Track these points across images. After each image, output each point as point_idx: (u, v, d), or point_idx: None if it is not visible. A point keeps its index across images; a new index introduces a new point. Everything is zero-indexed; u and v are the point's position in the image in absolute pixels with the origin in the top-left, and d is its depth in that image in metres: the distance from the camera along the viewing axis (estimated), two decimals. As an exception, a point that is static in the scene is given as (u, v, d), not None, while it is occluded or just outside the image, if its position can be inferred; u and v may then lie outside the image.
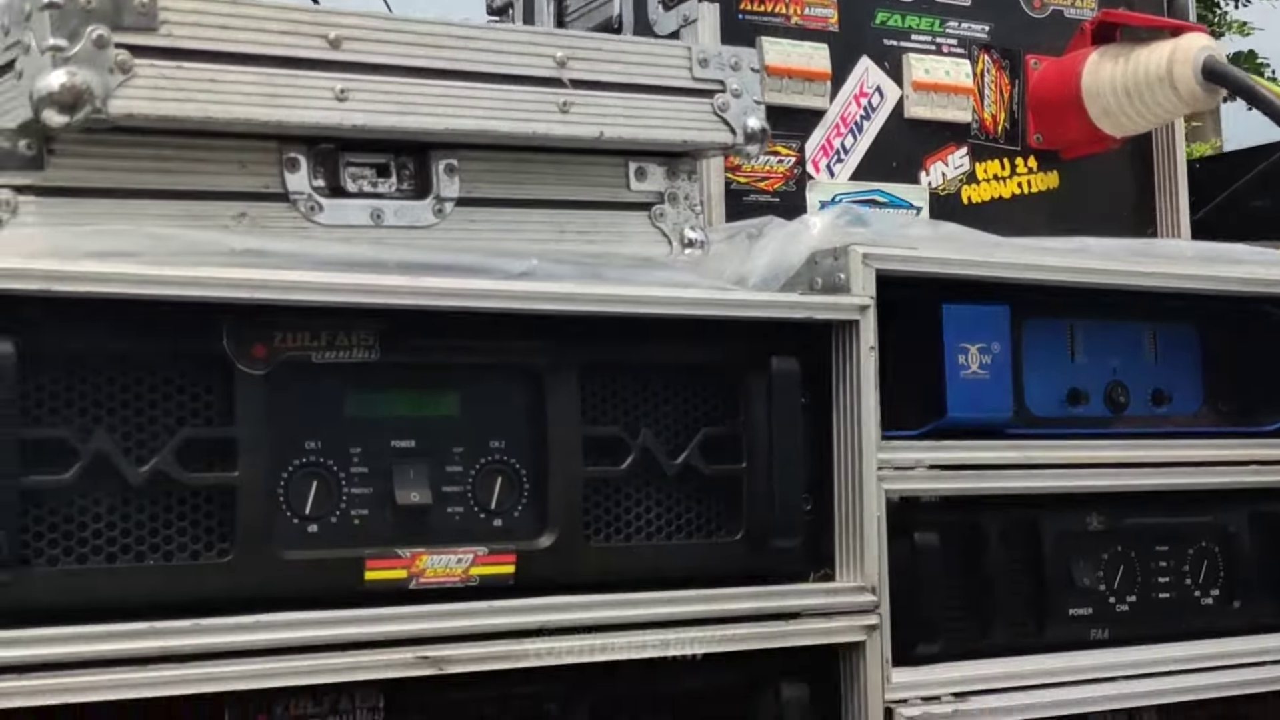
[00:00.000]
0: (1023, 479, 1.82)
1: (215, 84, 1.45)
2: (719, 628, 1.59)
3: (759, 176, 2.13)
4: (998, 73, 2.36)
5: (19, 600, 1.31)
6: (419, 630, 1.45)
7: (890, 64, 2.27)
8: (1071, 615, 1.88)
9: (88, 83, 1.38)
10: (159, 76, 1.42)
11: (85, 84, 1.38)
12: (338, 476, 1.46)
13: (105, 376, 1.38)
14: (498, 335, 1.54)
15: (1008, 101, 2.37)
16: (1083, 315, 1.95)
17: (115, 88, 1.40)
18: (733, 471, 1.64)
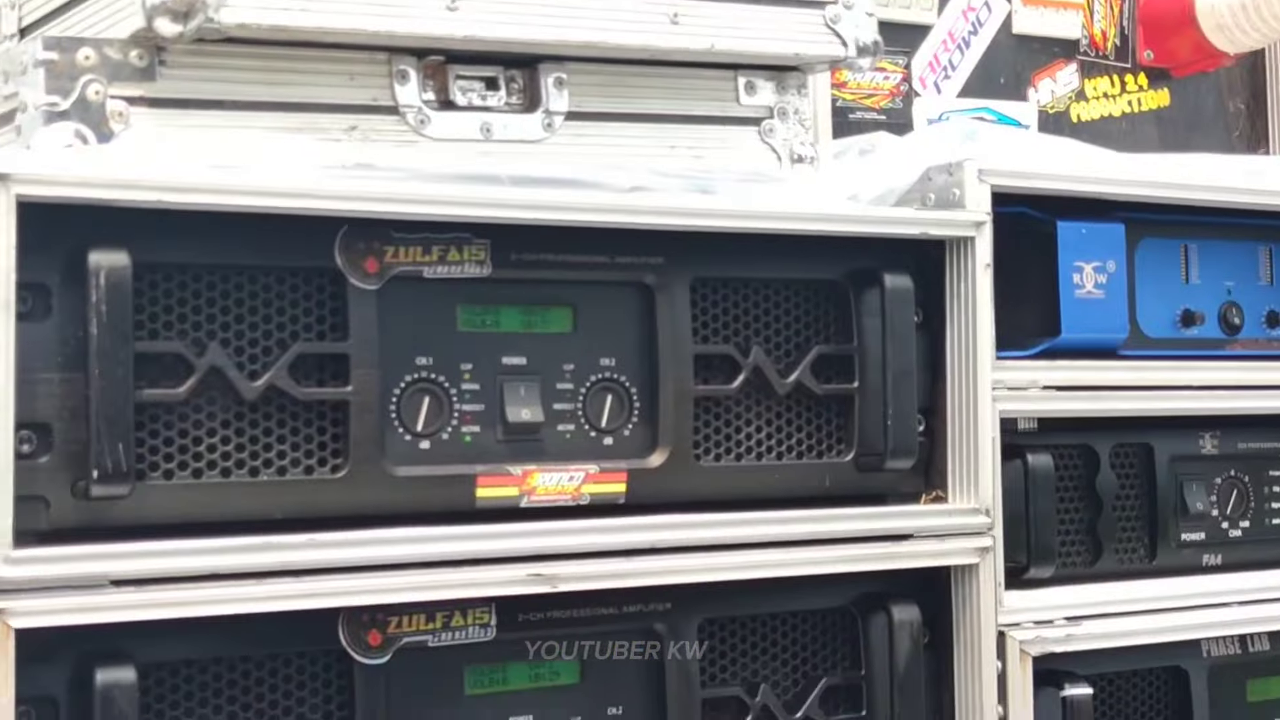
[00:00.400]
0: (1137, 401, 1.79)
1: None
2: (829, 548, 1.58)
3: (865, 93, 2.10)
4: (1109, -13, 2.31)
5: (135, 514, 1.32)
6: (531, 547, 1.44)
7: (999, -22, 2.23)
8: (1184, 540, 1.85)
9: (201, -11, 1.37)
10: (274, -16, 1.41)
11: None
12: (449, 393, 1.45)
13: (218, 290, 1.37)
14: (608, 250, 1.52)
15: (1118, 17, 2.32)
16: (1196, 235, 1.91)
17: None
18: (845, 391, 1.62)
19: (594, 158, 1.60)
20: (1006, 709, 1.65)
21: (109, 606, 1.27)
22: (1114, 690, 1.78)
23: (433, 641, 1.43)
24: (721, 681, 1.58)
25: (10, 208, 1.24)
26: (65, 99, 1.39)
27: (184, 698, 1.35)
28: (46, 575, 1.25)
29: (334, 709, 1.40)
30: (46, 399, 1.29)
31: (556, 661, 1.50)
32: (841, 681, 1.62)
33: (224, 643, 1.36)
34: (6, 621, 1.23)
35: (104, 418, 1.28)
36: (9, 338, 1.25)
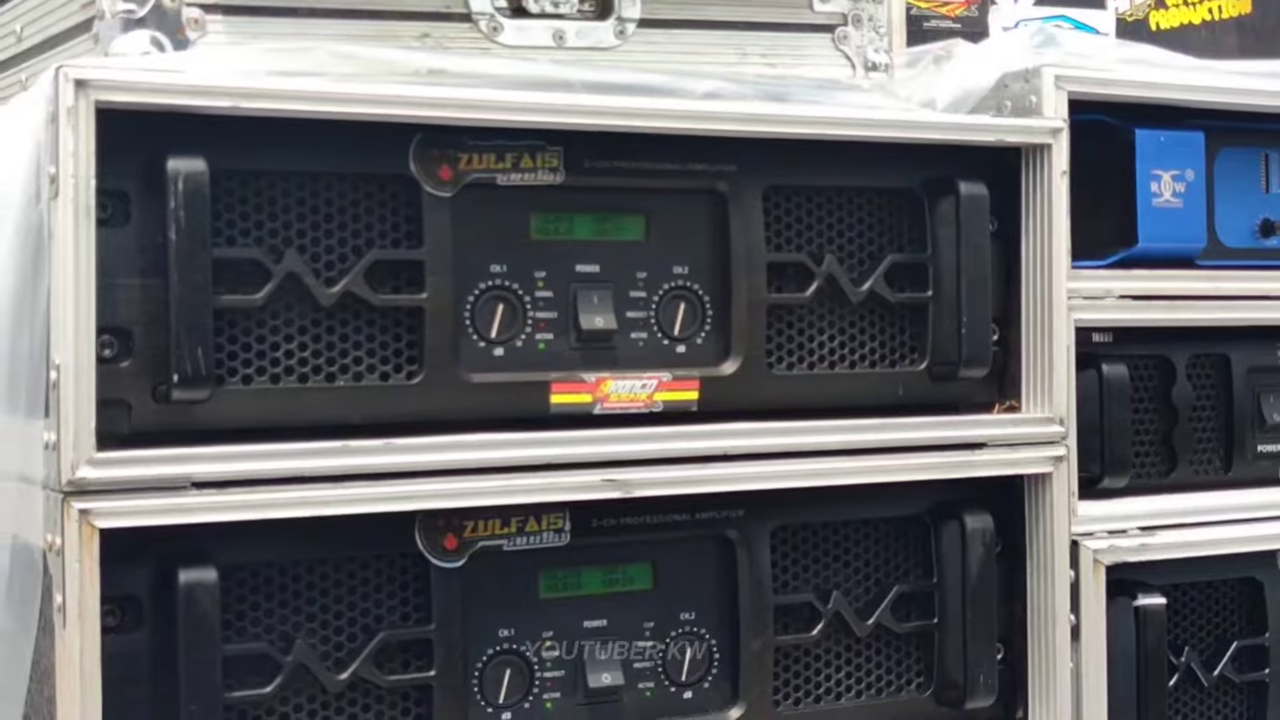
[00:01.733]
0: (1214, 311, 1.78)
1: (402, -103, 1.44)
2: (902, 456, 1.58)
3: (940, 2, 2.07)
4: (1190, -109, 2.26)
5: (214, 418, 1.33)
6: (604, 454, 1.45)
7: (1077, -118, 2.19)
8: (1261, 452, 1.84)
9: (276, -104, 1.38)
10: (347, -111, 1.41)
11: (273, -103, 1.38)
12: (522, 300, 1.46)
13: (295, 198, 1.38)
14: (681, 158, 1.51)
15: (1199, -78, 2.27)
16: (1277, 144, 1.88)
17: (303, -98, 1.39)
18: (918, 300, 1.61)
19: (666, 65, 1.59)
20: (1079, 618, 1.65)
21: (190, 508, 1.29)
22: (1187, 601, 1.78)
23: (508, 546, 1.45)
24: (794, 589, 1.58)
25: (89, 114, 1.25)
26: (141, 6, 1.40)
27: (264, 599, 1.37)
28: (129, 477, 1.27)
29: (410, 611, 1.42)
30: (127, 304, 1.30)
31: (630, 567, 1.52)
32: (913, 589, 1.63)
33: (303, 545, 1.38)
34: (91, 522, 1.25)
35: (183, 323, 1.29)
36: (90, 244, 1.26)
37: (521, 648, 1.46)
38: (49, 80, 1.27)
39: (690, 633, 1.54)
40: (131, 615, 1.31)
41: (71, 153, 1.25)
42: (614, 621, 1.50)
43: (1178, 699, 1.76)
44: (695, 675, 1.53)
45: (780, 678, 1.57)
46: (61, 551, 1.26)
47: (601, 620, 1.50)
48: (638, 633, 1.51)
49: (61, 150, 1.25)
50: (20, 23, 1.59)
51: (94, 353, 1.27)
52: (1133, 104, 1.73)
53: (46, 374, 1.28)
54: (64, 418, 1.25)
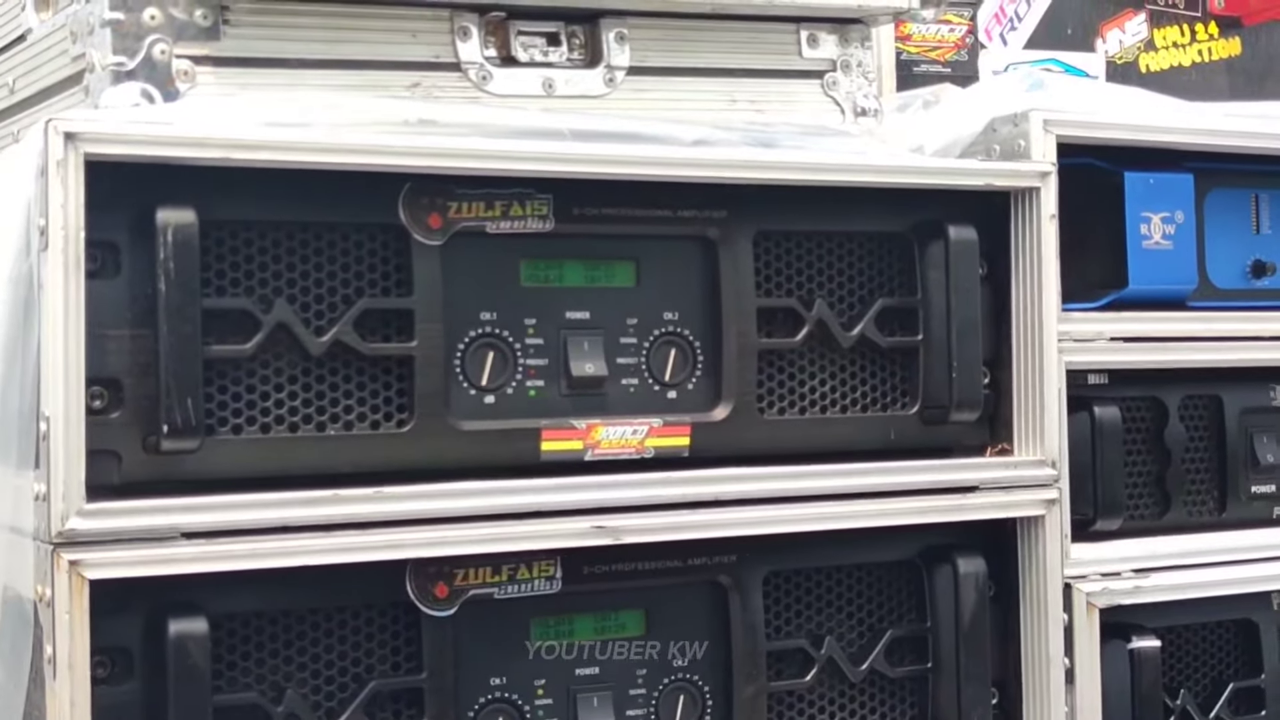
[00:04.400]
0: (1206, 352, 1.78)
1: (388, -51, 1.44)
2: (894, 500, 1.58)
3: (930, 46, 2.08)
4: (1178, -65, 2.27)
5: (205, 467, 1.33)
6: (595, 500, 1.45)
7: (1065, -73, 2.20)
8: (1254, 493, 1.84)
9: (263, -52, 1.38)
10: (333, -59, 1.42)
11: (261, -50, 1.38)
12: (513, 347, 1.46)
13: (284, 247, 1.38)
14: (671, 204, 1.52)
15: (1188, -35, 2.28)
16: (1267, 185, 1.89)
17: (290, -47, 1.40)
18: (909, 343, 1.61)
19: (655, 112, 1.60)
20: (1073, 661, 1.65)
21: (180, 559, 1.29)
22: (1182, 643, 1.77)
23: (499, 594, 1.44)
24: (786, 634, 1.58)
25: (79, 166, 1.26)
26: (132, 59, 1.40)
27: (254, 649, 1.37)
28: (119, 528, 1.27)
29: (401, 660, 1.42)
30: (117, 355, 1.31)
31: (622, 613, 1.51)
32: (907, 634, 1.62)
33: (293, 595, 1.37)
34: (81, 573, 1.25)
35: (173, 373, 1.29)
36: (79, 295, 1.27)
37: (514, 696, 1.46)
38: (39, 133, 1.27)
39: (683, 680, 1.53)
40: (122, 666, 1.31)
41: (61, 205, 1.25)
42: (606, 670, 1.50)
43: (1174, 743, 1.76)
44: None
45: (774, 724, 1.57)
46: (52, 603, 1.26)
47: (594, 669, 1.49)
48: (630, 681, 1.51)
49: (51, 202, 1.26)
50: (12, 75, 1.60)
51: (84, 404, 1.27)
52: (1121, 146, 1.73)
53: (36, 425, 1.28)
54: (54, 469, 1.25)
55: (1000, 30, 2.14)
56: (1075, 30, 2.19)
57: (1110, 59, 2.21)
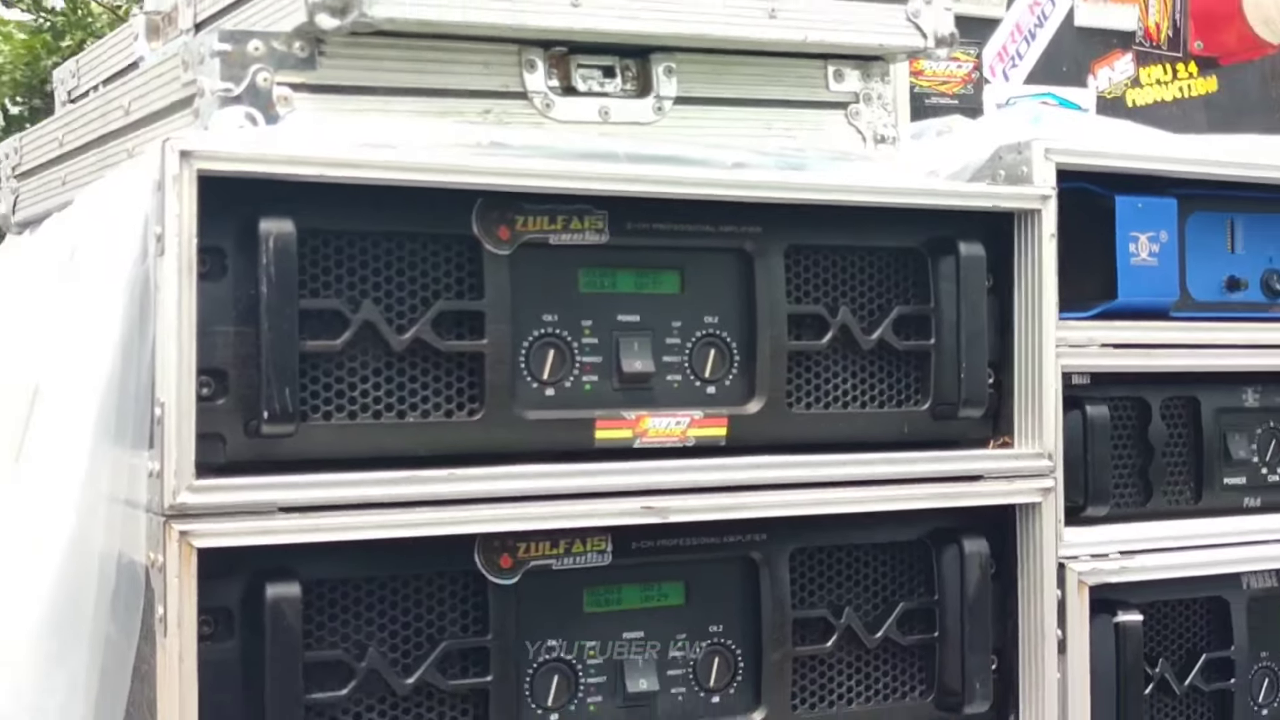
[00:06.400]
0: (1186, 358, 1.77)
1: (466, -10, 1.45)
2: (907, 487, 1.58)
3: (940, 80, 2.08)
4: (1163, -17, 2.27)
5: (299, 450, 1.34)
6: (643, 483, 1.45)
7: (1062, -26, 2.20)
8: (1227, 484, 1.84)
9: (355, -12, 1.39)
10: (418, -17, 1.42)
11: (353, -10, 1.39)
12: (571, 346, 1.46)
13: (371, 254, 1.39)
14: (712, 220, 1.52)
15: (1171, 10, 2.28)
16: (1242, 209, 1.88)
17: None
18: (922, 347, 1.61)
19: (699, 138, 1.60)
20: (1065, 633, 1.65)
21: (277, 530, 1.30)
22: (1162, 617, 1.77)
23: (556, 565, 1.45)
24: (810, 605, 1.58)
25: (191, 181, 1.27)
26: (237, 85, 1.41)
27: (340, 611, 1.38)
28: (224, 502, 1.28)
29: (470, 623, 1.43)
30: (223, 349, 1.32)
31: (665, 584, 1.52)
32: (916, 606, 1.62)
33: (376, 563, 1.38)
34: (190, 542, 1.26)
35: (272, 365, 1.30)
36: (190, 295, 1.28)
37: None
38: (156, 151, 1.28)
39: (718, 644, 1.53)
40: (224, 625, 1.32)
41: (176, 215, 1.26)
42: (650, 633, 1.50)
43: (1153, 706, 1.75)
44: (722, 682, 1.53)
45: (797, 685, 1.57)
46: (163, 568, 1.27)
47: (639, 632, 1.50)
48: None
49: (167, 213, 1.27)
50: (129, 98, 1.61)
51: (194, 392, 1.28)
52: (1113, 173, 1.73)
53: (151, 411, 1.29)
54: (167, 449, 1.27)
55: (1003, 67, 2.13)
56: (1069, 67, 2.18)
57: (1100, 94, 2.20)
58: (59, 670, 1.32)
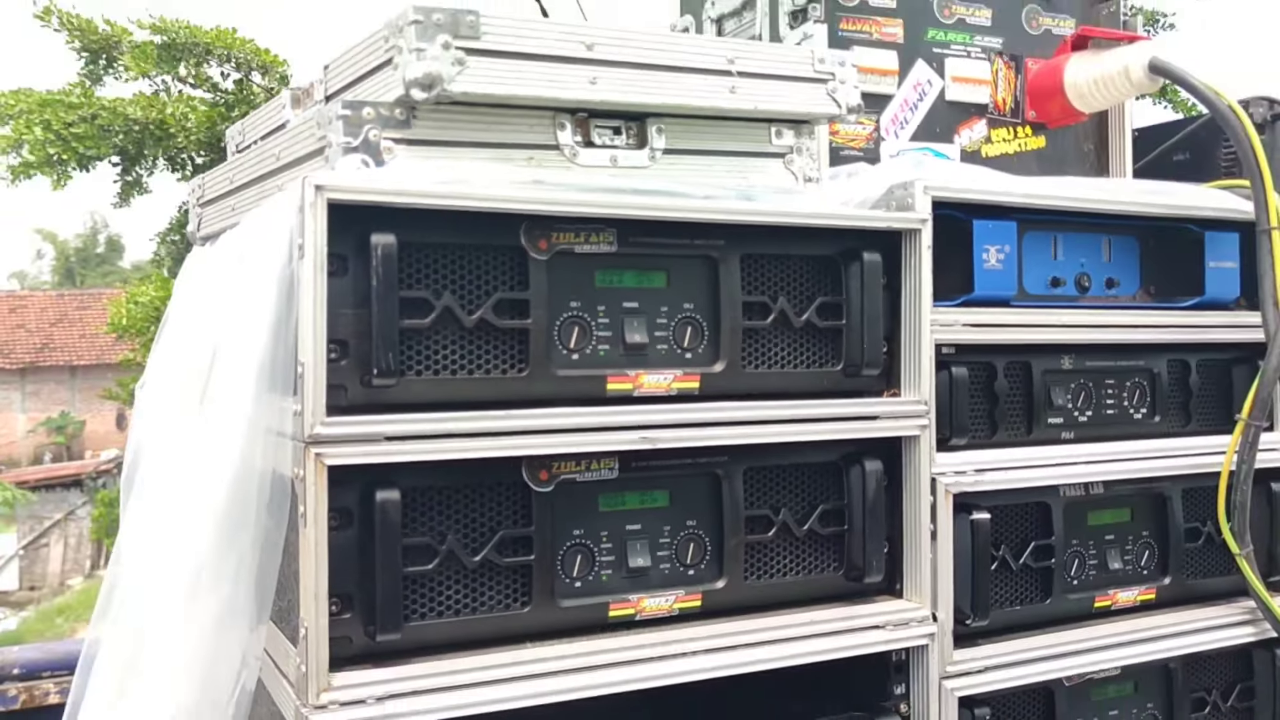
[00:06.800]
0: (1021, 334, 1.76)
1: (517, 72, 1.43)
2: (826, 424, 1.57)
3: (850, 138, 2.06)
4: (1007, 70, 2.23)
5: (399, 397, 1.34)
6: (641, 420, 1.45)
7: (937, 64, 2.16)
8: (1049, 423, 1.83)
9: (439, 71, 1.37)
10: (483, 68, 1.40)
11: (437, 72, 1.37)
12: (589, 324, 1.46)
13: (449, 259, 1.38)
14: (690, 236, 1.51)
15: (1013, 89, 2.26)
16: (1062, 229, 1.87)
17: (455, 75, 1.38)
18: (837, 326, 1.60)
19: (681, 177, 1.59)
20: (936, 526, 1.64)
21: (384, 454, 1.30)
22: (1004, 517, 1.77)
23: (579, 478, 1.45)
24: (757, 506, 1.58)
25: (323, 206, 1.26)
26: (355, 139, 1.40)
27: (428, 509, 1.38)
28: (346, 433, 1.28)
29: (518, 518, 1.42)
30: (345, 325, 1.31)
31: (655, 492, 1.51)
32: (832, 508, 1.62)
33: (453, 476, 1.38)
34: (323, 461, 1.26)
35: (380, 336, 1.30)
36: (322, 288, 1.27)
37: (587, 542, 1.47)
38: (298, 186, 1.28)
39: (692, 534, 1.53)
40: (346, 520, 1.32)
41: (312, 230, 1.26)
42: (645, 526, 1.50)
43: (996, 579, 1.75)
44: (695, 560, 1.53)
45: (748, 562, 1.57)
46: (304, 479, 1.27)
47: (637, 525, 1.50)
48: (660, 533, 1.51)
49: (306, 229, 1.26)
50: (279, 149, 1.60)
51: (325, 356, 1.28)
52: (971, 203, 1.72)
53: (295, 368, 1.29)
54: (306, 395, 1.27)
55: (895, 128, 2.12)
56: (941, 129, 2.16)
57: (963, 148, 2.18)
58: (231, 551, 1.32)
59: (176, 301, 1.64)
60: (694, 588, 1.51)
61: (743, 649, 1.48)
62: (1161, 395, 1.92)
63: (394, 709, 1.27)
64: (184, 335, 1.52)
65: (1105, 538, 1.86)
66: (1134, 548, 1.89)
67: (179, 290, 1.66)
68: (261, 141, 1.69)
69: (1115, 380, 1.89)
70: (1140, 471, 1.86)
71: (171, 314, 1.62)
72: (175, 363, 1.50)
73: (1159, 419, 1.92)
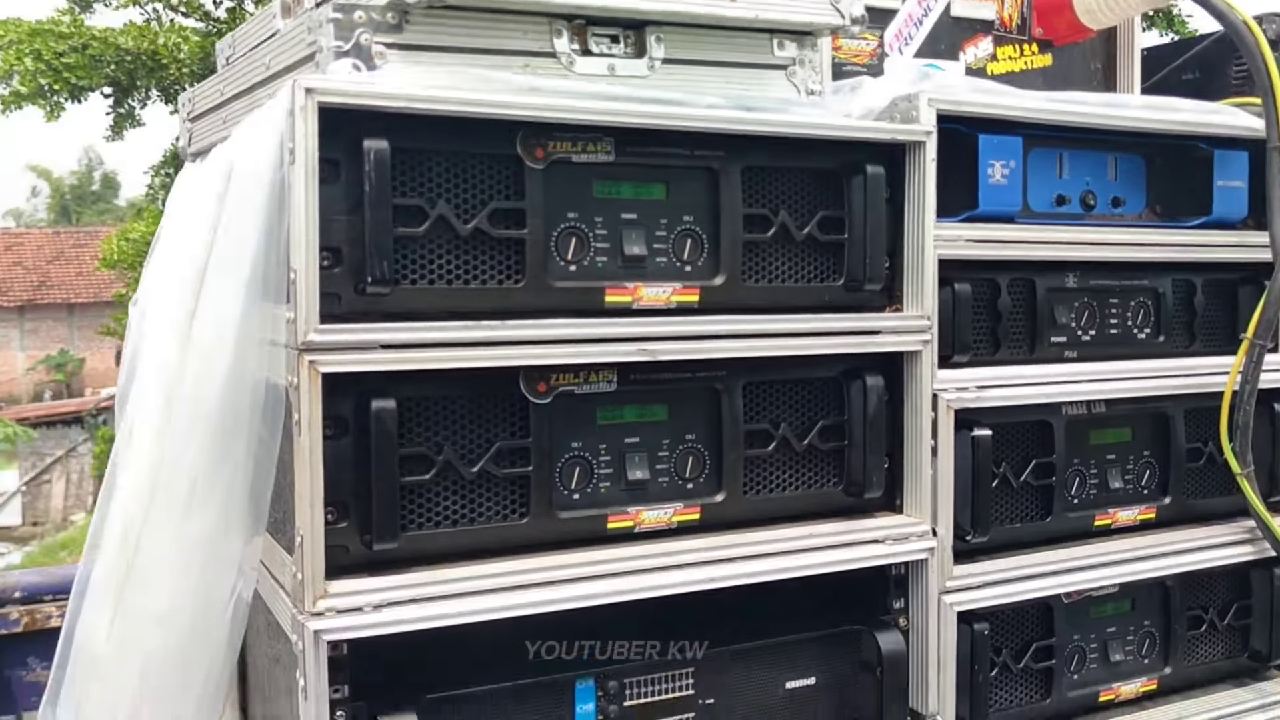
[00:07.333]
0: (1024, 251, 1.74)
1: (512, -27, 1.39)
2: (827, 339, 1.56)
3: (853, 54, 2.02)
4: (1014, -15, 2.19)
5: (394, 306, 1.32)
6: (639, 333, 1.43)
7: (943, -21, 2.12)
8: (1052, 341, 1.81)
9: (432, -29, 1.34)
10: (477, -33, 1.37)
11: (430, -28, 1.33)
12: (587, 235, 1.43)
13: (444, 167, 1.35)
14: (690, 146, 1.48)
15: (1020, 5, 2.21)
16: (1067, 146, 1.84)
17: (448, -24, 1.35)
18: (839, 240, 1.58)
19: (681, 88, 1.55)
20: (936, 442, 1.63)
21: (379, 362, 1.28)
22: (1005, 434, 1.75)
23: (577, 390, 1.43)
24: (756, 420, 1.56)
25: (314, 110, 1.24)
26: (346, 44, 1.36)
27: (424, 420, 1.37)
28: (340, 340, 1.26)
29: (516, 430, 1.41)
30: (338, 232, 1.29)
31: (654, 405, 1.50)
32: (832, 423, 1.61)
33: (449, 387, 1.36)
34: (316, 368, 1.25)
35: (373, 244, 1.28)
36: (313, 196, 1.25)
37: (586, 454, 1.45)
38: (289, 89, 1.25)
39: (691, 447, 1.52)
40: (341, 428, 1.31)
41: (303, 135, 1.23)
42: (644, 439, 1.49)
43: (997, 496, 1.74)
44: (695, 474, 1.52)
45: (747, 477, 1.56)
46: (298, 388, 1.25)
47: (636, 438, 1.49)
48: (658, 447, 1.50)
49: (297, 133, 1.23)
50: (269, 58, 1.56)
51: (318, 263, 1.26)
52: (977, 117, 1.68)
53: (288, 275, 1.27)
54: (298, 304, 1.25)
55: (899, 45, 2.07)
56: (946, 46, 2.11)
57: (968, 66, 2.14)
58: (226, 460, 1.31)
59: (168, 218, 1.61)
60: (693, 501, 1.51)
61: (742, 561, 1.48)
62: (1166, 315, 1.90)
63: (392, 616, 1.26)
64: (176, 250, 1.49)
65: (1106, 457, 1.85)
66: (1135, 467, 1.88)
67: (170, 207, 1.63)
68: (251, 52, 1.65)
69: (1119, 299, 1.87)
70: (1142, 391, 1.85)
71: (163, 230, 1.60)
72: (167, 277, 1.48)
73: (1163, 339, 1.90)
